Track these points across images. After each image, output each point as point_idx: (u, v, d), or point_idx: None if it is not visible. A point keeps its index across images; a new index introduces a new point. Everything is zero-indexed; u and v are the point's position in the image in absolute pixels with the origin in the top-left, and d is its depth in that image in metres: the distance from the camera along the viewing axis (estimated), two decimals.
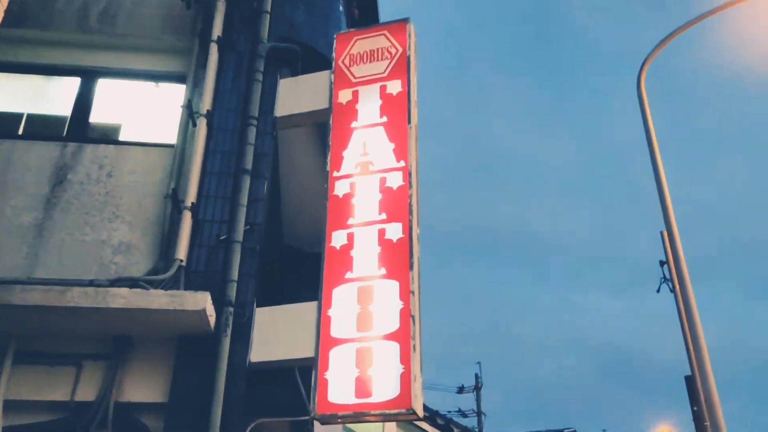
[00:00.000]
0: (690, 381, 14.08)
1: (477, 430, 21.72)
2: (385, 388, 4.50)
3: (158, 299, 4.40)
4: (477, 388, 25.52)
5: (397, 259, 4.95)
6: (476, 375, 26.23)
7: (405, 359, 4.57)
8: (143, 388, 4.64)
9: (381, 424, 6.02)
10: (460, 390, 26.13)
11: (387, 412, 4.49)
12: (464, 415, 25.59)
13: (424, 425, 10.00)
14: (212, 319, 4.67)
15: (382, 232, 5.09)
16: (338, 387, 4.58)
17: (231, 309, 4.83)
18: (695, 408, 14.02)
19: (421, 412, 4.58)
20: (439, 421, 10.19)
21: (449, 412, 21.04)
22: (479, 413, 24.41)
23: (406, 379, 4.50)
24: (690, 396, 14.09)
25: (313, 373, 4.68)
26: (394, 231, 5.07)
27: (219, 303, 4.82)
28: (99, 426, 4.50)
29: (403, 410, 4.44)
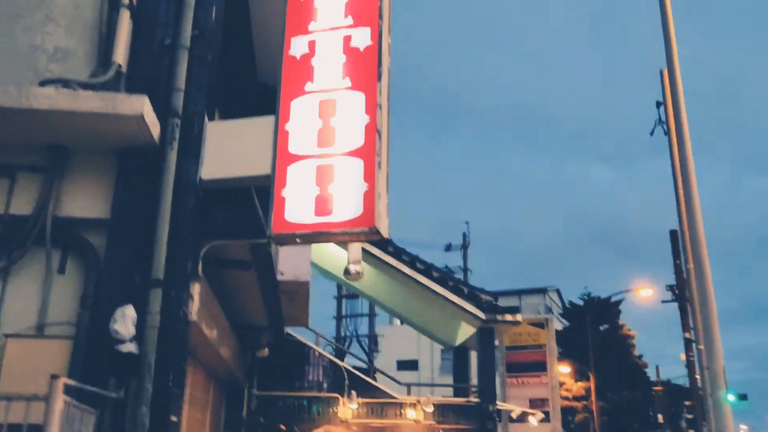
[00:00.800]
0: (674, 235, 14.04)
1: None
2: (346, 206, 4.13)
3: (88, 102, 3.90)
4: (464, 246, 25.89)
5: (364, 70, 4.40)
6: (464, 234, 26.54)
7: (369, 176, 4.16)
8: (83, 202, 4.26)
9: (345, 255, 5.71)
10: (448, 248, 26.56)
11: (348, 230, 4.14)
12: (451, 271, 26.18)
13: (405, 268, 9.94)
14: (155, 130, 4.20)
15: (347, 39, 4.51)
16: (297, 205, 4.21)
17: (177, 120, 4.35)
18: (677, 261, 14.09)
19: (386, 232, 4.24)
20: (419, 266, 10.12)
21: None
22: (465, 269, 24.92)
23: (369, 197, 4.11)
24: (673, 249, 14.10)
25: (271, 191, 4.30)
26: (362, 37, 4.48)
27: (163, 113, 4.32)
28: (37, 241, 4.16)
29: (366, 229, 4.08)
